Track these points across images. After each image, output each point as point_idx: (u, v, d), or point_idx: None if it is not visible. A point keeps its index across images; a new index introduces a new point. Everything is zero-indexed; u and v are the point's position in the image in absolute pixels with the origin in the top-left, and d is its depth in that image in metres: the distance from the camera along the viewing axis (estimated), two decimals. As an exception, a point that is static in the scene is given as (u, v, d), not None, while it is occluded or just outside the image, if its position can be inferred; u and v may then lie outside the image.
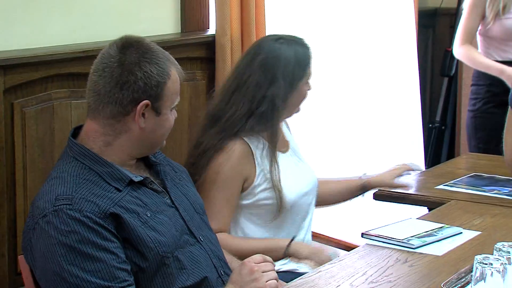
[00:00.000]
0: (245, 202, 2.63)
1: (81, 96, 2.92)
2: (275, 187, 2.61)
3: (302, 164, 2.78)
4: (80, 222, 1.93)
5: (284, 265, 2.66)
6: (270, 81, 2.59)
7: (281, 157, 2.68)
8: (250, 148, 2.61)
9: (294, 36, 2.68)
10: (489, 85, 3.79)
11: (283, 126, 2.78)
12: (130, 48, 2.04)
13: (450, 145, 5.17)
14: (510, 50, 3.71)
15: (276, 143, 2.64)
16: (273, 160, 2.63)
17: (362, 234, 2.52)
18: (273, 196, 2.61)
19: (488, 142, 3.81)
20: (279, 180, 2.61)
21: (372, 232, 2.50)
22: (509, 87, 3.45)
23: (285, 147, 2.75)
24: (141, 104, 2.04)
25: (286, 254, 2.58)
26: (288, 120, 2.82)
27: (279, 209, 2.62)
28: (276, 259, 2.48)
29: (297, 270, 2.68)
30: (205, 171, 2.57)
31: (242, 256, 2.40)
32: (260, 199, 2.62)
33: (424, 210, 3.18)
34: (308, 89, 2.68)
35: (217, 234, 2.42)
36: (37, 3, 3.02)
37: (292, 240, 2.58)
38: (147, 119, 2.06)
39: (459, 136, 5.01)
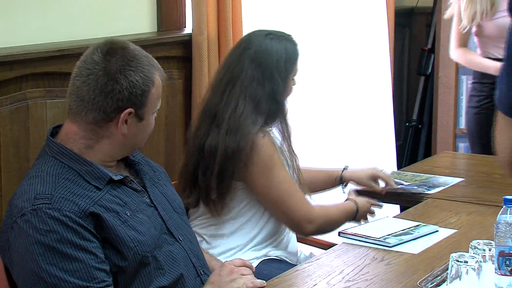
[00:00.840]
0: None
1: (56, 95, 2.90)
2: (297, 175, 2.66)
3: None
4: (59, 222, 1.92)
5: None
6: (267, 78, 2.60)
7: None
8: (271, 138, 2.62)
9: (283, 32, 2.70)
10: (495, 82, 3.79)
11: None
12: (115, 56, 2.03)
13: (427, 144, 5.19)
14: None
15: (290, 136, 2.66)
16: (290, 151, 2.65)
17: (339, 232, 2.53)
18: None
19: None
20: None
21: (349, 231, 2.51)
22: None
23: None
24: (124, 112, 2.03)
25: (357, 219, 2.74)
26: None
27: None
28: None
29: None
30: (247, 173, 2.55)
31: (335, 223, 2.65)
32: None
33: (396, 208, 3.20)
34: (294, 84, 2.71)
35: (315, 208, 2.58)
36: (12, 1, 2.99)
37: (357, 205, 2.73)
38: (130, 125, 2.06)
39: (436, 134, 5.03)
